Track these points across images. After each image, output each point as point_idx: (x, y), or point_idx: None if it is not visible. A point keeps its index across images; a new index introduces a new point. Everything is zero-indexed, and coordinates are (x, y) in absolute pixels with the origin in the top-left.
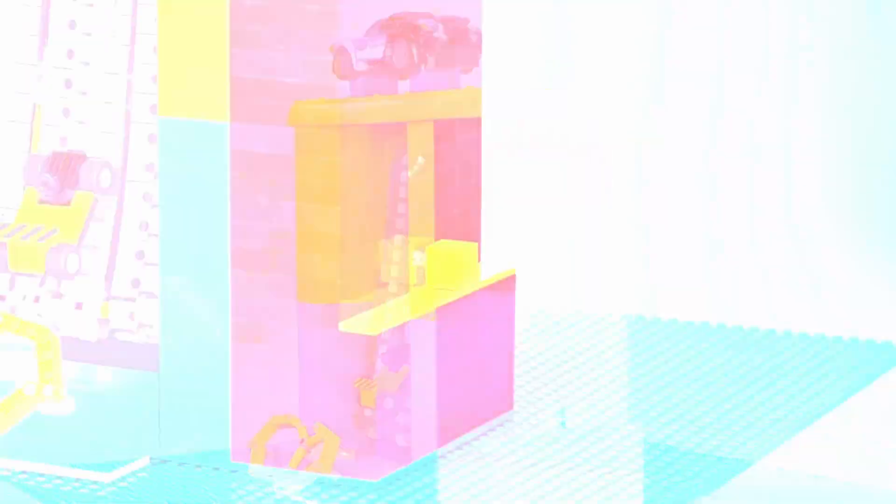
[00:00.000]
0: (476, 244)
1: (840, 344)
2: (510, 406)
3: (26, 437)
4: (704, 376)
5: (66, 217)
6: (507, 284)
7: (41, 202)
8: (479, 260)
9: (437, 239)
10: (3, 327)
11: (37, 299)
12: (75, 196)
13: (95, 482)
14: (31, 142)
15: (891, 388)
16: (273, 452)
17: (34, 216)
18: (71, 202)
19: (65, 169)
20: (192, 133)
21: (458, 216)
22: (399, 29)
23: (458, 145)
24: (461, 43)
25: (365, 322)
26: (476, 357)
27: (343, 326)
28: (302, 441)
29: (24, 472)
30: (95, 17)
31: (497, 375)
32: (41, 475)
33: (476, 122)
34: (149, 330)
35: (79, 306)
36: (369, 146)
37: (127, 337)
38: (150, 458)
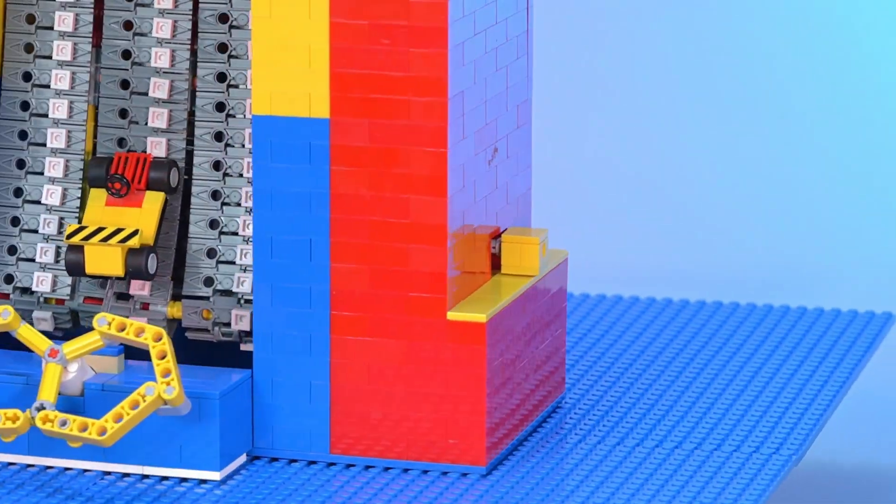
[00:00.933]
0: (545, 230)
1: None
2: (563, 389)
3: (123, 440)
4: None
5: (140, 218)
6: (562, 268)
7: (110, 204)
8: (546, 245)
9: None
10: (114, 331)
11: (102, 301)
12: (146, 196)
13: (206, 480)
14: (86, 143)
15: None
16: None
17: (105, 218)
18: (142, 203)
19: (134, 169)
20: (289, 129)
21: (519, 201)
22: None
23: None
24: None
25: (472, 310)
26: (544, 341)
27: (452, 315)
28: None
29: (127, 475)
30: (151, 18)
31: (556, 359)
32: (147, 477)
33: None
34: (224, 328)
35: (145, 307)
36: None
37: (197, 335)
38: (247, 455)
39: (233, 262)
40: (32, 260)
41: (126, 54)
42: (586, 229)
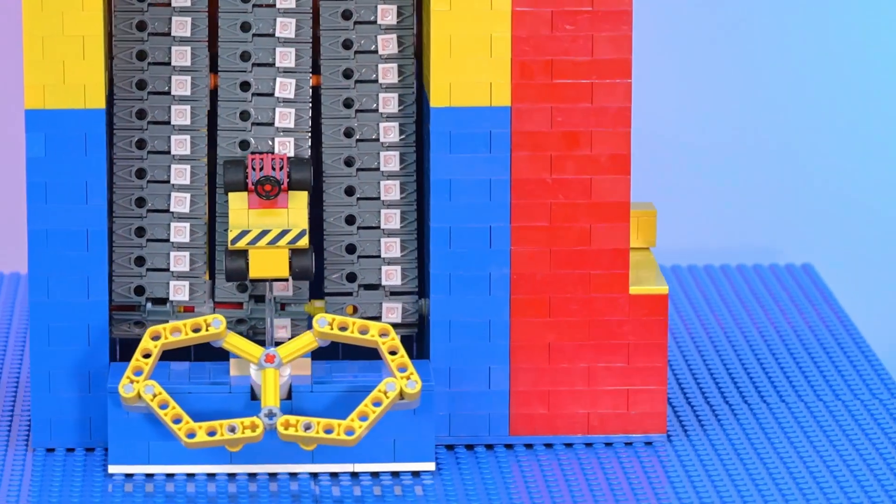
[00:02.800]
0: (655, 209)
1: None
2: None
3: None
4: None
5: (291, 218)
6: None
7: (254, 206)
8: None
9: None
10: (335, 330)
11: (241, 305)
12: (290, 196)
13: (420, 473)
14: (207, 147)
15: None
16: None
17: (254, 221)
18: (288, 203)
19: (278, 170)
20: (468, 120)
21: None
22: None
23: None
24: None
25: (649, 282)
26: None
27: (634, 289)
28: None
29: (335, 475)
30: (266, 18)
31: None
32: (356, 475)
33: None
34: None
35: (281, 307)
36: None
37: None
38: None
39: (376, 257)
40: (164, 269)
41: (244, 56)
42: None
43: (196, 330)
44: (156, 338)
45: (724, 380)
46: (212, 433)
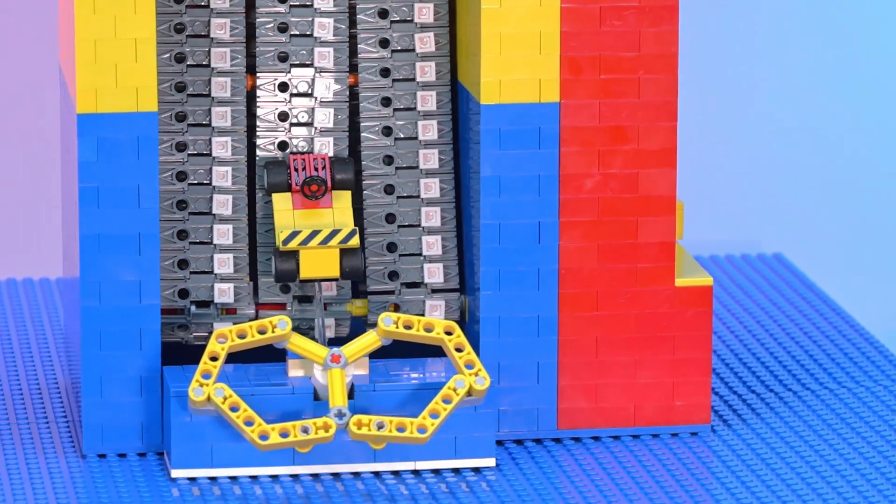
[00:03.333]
0: (682, 202)
1: None
2: None
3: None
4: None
5: (337, 218)
6: None
7: (299, 207)
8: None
9: None
10: (401, 329)
11: (284, 306)
12: (334, 196)
13: (480, 468)
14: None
15: None
16: None
17: (300, 221)
18: (332, 203)
19: (320, 170)
20: (518, 116)
21: None
22: None
23: None
24: None
25: (694, 274)
26: None
27: (680, 282)
28: None
29: (396, 473)
30: (304, 18)
31: None
32: (418, 472)
33: None
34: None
35: (324, 307)
36: None
37: None
38: None
39: (416, 255)
40: (208, 272)
41: (282, 56)
42: None
43: (262, 332)
44: (222, 340)
45: (756, 369)
46: (284, 434)
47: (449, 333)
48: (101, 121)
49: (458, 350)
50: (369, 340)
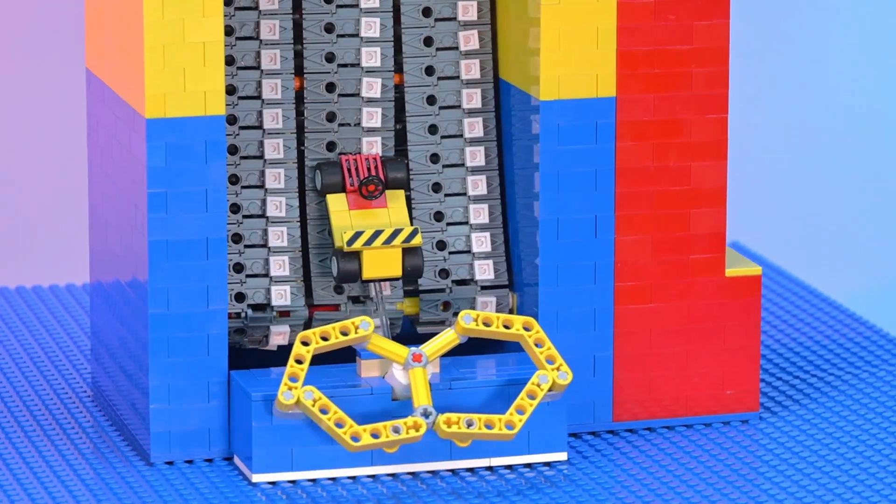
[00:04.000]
0: None
1: None
2: None
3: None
4: None
5: (393, 217)
6: None
7: (355, 207)
8: None
9: None
10: (480, 326)
11: (338, 307)
12: (388, 195)
13: (552, 463)
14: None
15: None
16: None
17: (357, 222)
18: (387, 202)
19: (373, 169)
20: (575, 111)
21: None
22: None
23: None
24: None
25: (745, 263)
26: None
27: (730, 272)
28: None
29: (471, 470)
30: (350, 18)
31: None
32: (491, 468)
33: None
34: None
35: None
36: None
37: (429, 328)
38: None
39: (465, 252)
40: (264, 275)
41: (329, 57)
42: None
43: (345, 333)
44: (305, 343)
45: (791, 356)
46: (375, 435)
47: (528, 329)
48: (170, 126)
49: (538, 345)
50: (448, 339)
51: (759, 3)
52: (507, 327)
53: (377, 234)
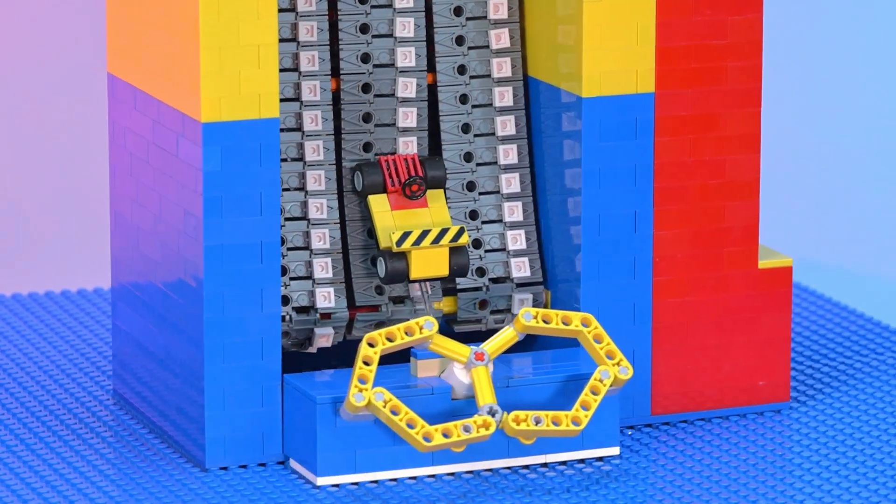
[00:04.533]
0: None
1: None
2: None
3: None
4: None
5: (435, 216)
6: None
7: (396, 208)
8: None
9: None
10: (539, 323)
11: (379, 308)
12: (429, 195)
13: (604, 458)
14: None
15: None
16: None
17: (399, 222)
18: (427, 202)
19: (408, 171)
20: (616, 108)
21: None
22: None
23: None
24: None
25: (773, 256)
26: None
27: (763, 264)
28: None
29: (526, 467)
30: (384, 19)
31: None
32: (546, 465)
33: None
34: (496, 315)
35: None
36: None
37: (466, 327)
38: None
39: (500, 250)
40: (307, 278)
41: (365, 58)
42: None
43: (409, 333)
44: (372, 345)
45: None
46: (447, 435)
47: (586, 325)
48: (225, 129)
49: (597, 341)
50: (508, 336)
51: None
52: (565, 324)
53: (425, 233)
